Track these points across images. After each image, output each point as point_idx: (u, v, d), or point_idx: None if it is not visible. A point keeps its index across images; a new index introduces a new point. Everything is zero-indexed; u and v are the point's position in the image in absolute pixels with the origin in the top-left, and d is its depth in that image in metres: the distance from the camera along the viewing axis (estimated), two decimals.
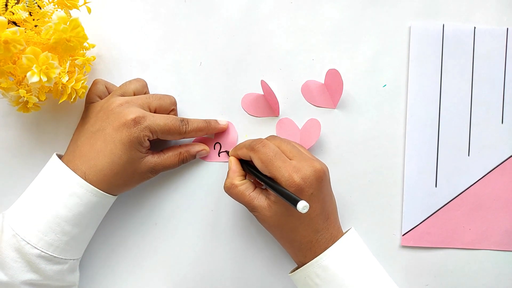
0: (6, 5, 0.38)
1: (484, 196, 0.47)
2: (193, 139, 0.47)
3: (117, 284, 0.47)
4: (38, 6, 0.39)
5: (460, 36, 0.47)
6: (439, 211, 0.47)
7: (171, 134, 0.42)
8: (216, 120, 0.46)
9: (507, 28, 0.47)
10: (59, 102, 0.41)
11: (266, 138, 0.43)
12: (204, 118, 0.45)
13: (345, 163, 0.47)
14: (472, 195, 0.47)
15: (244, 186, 0.41)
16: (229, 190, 0.41)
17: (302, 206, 0.33)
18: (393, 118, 0.47)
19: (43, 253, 0.38)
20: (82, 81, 0.41)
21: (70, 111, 0.46)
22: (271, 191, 0.39)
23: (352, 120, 0.47)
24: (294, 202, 0.33)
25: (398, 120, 0.47)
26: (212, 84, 0.47)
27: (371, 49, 0.47)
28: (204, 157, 0.47)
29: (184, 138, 0.44)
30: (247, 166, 0.43)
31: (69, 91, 0.40)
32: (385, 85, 0.47)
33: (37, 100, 0.40)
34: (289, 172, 0.38)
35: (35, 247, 0.37)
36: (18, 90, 0.39)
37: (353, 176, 0.47)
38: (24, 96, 0.39)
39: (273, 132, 0.47)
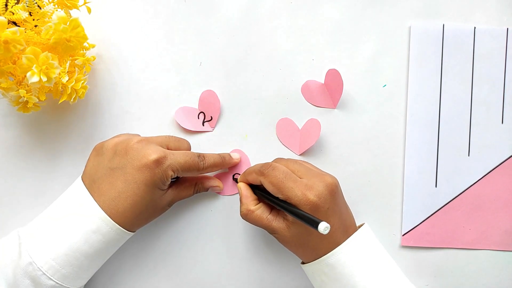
0: (6, 5, 0.38)
1: (484, 196, 0.47)
2: None
3: (117, 284, 0.47)
4: (38, 6, 0.38)
5: (460, 36, 0.47)
6: (439, 211, 0.47)
7: (190, 171, 0.41)
8: (229, 154, 0.46)
9: (507, 28, 0.47)
10: (59, 102, 0.41)
11: (273, 161, 0.43)
12: (218, 153, 0.45)
13: (345, 163, 0.47)
14: (472, 195, 0.47)
15: (260, 210, 0.41)
16: (246, 216, 0.41)
17: (324, 227, 0.32)
18: (393, 118, 0.47)
19: (57, 285, 0.37)
20: (82, 81, 0.41)
21: (70, 111, 0.46)
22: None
23: (352, 120, 0.47)
24: (315, 224, 0.33)
25: (398, 120, 0.47)
26: (212, 84, 0.47)
27: (371, 49, 0.47)
28: (217, 192, 0.47)
29: (201, 174, 0.43)
30: (259, 191, 0.42)
31: (69, 91, 0.40)
32: (385, 85, 0.47)
33: (37, 100, 0.40)
34: (302, 191, 0.38)
35: (51, 279, 0.37)
36: (18, 90, 0.39)
37: (353, 176, 0.47)
38: (24, 96, 0.39)
39: (275, 132, 0.47)
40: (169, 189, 0.42)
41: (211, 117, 0.47)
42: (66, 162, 0.46)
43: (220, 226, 0.47)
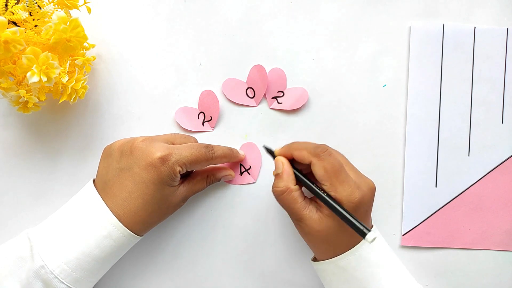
0: (6, 5, 0.38)
1: (484, 196, 0.47)
2: None
3: (117, 284, 0.47)
4: (38, 6, 0.39)
5: (460, 36, 0.47)
6: (439, 211, 0.47)
7: (198, 163, 0.40)
8: (236, 150, 0.45)
9: (507, 28, 0.47)
10: (59, 102, 0.41)
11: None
12: (226, 146, 0.45)
13: None
14: (472, 195, 0.47)
15: (298, 192, 0.38)
16: (282, 194, 0.38)
17: (372, 238, 0.31)
18: (393, 118, 0.47)
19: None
20: (82, 81, 0.41)
21: (70, 111, 0.46)
22: (323, 204, 0.37)
23: (352, 120, 0.47)
24: (362, 233, 0.32)
25: (398, 120, 0.47)
26: (212, 84, 0.47)
27: (371, 49, 0.47)
28: (229, 181, 0.47)
29: (211, 164, 0.42)
30: (299, 173, 0.39)
31: (69, 91, 0.40)
32: (385, 85, 0.47)
33: (37, 100, 0.40)
34: (352, 188, 0.36)
35: (63, 282, 0.37)
36: (18, 90, 0.39)
37: None
38: (24, 96, 0.39)
39: (275, 132, 0.47)
40: (180, 184, 0.41)
41: (211, 117, 0.47)
42: (66, 162, 0.46)
43: (221, 227, 0.47)
